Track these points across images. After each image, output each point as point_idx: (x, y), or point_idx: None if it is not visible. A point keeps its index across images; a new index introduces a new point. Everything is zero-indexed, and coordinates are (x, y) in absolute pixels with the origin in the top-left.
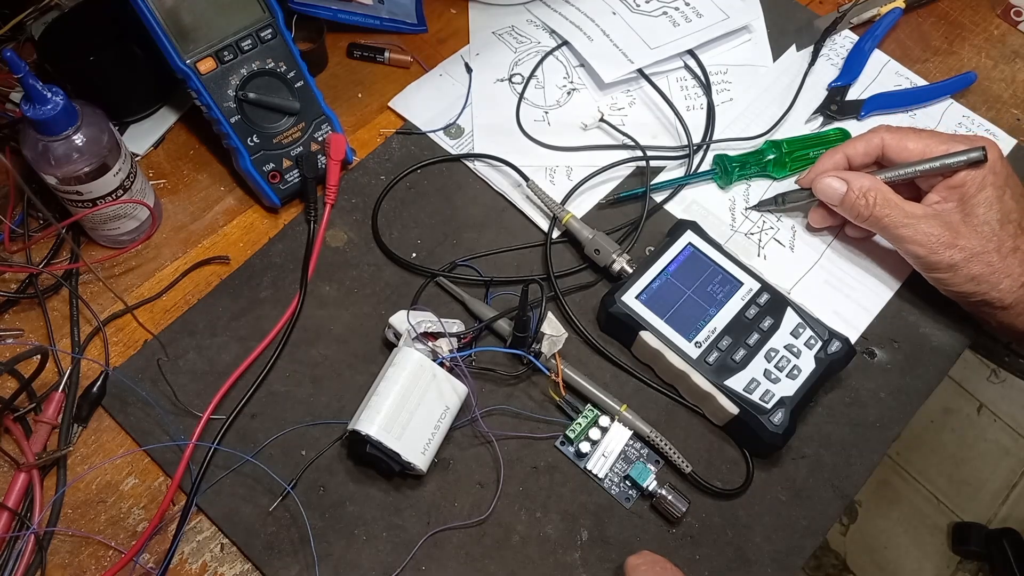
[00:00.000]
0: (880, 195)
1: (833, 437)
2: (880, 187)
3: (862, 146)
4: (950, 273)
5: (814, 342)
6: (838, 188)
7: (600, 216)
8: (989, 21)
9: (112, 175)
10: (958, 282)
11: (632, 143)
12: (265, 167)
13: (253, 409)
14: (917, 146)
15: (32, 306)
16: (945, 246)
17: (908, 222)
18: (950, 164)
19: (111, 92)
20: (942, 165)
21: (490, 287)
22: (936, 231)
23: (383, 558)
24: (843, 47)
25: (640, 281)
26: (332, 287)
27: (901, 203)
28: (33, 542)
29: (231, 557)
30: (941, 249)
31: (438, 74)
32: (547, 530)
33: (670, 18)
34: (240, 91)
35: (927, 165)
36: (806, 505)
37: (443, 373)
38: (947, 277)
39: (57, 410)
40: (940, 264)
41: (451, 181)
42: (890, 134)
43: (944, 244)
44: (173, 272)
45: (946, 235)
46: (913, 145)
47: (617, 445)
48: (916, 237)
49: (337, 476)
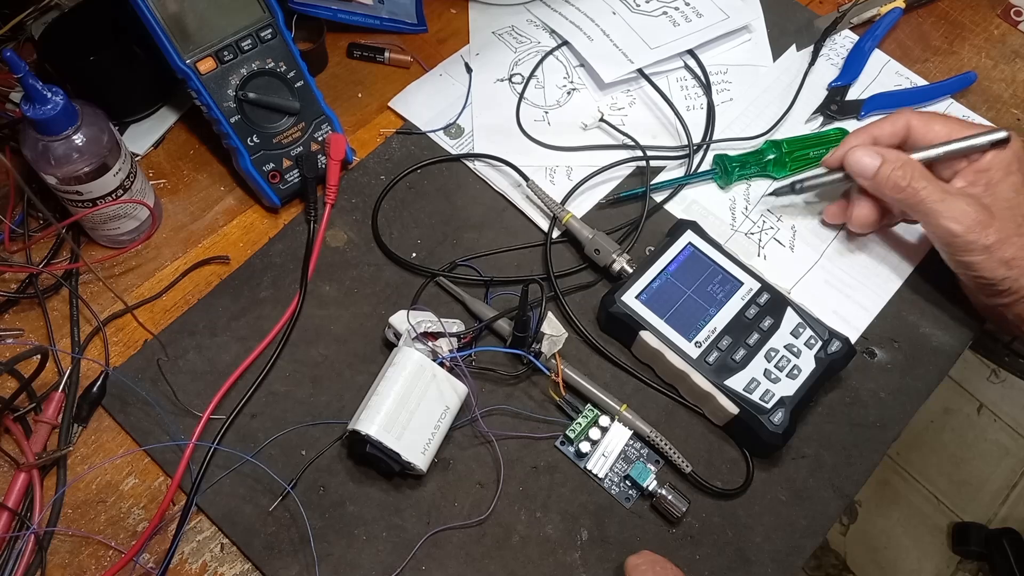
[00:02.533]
0: (916, 169)
1: (833, 437)
2: (914, 162)
3: (888, 127)
4: (984, 256)
5: (814, 342)
6: (870, 162)
7: (600, 216)
8: (989, 21)
9: (112, 175)
10: (991, 266)
11: (632, 143)
12: (265, 167)
13: (253, 409)
14: (944, 129)
15: (32, 306)
16: (982, 225)
17: (945, 197)
18: (977, 145)
19: (111, 92)
20: (968, 146)
21: (490, 287)
22: (972, 209)
23: (383, 558)
24: (843, 47)
25: (640, 281)
26: (332, 287)
27: (935, 179)
28: (33, 542)
29: (231, 557)
30: (978, 228)
31: (438, 74)
32: (547, 530)
33: (670, 18)
34: (240, 91)
35: (954, 146)
36: (806, 505)
37: (443, 373)
38: (980, 260)
39: (57, 410)
40: (975, 245)
41: (451, 181)
42: (916, 117)
43: (980, 223)
44: (173, 272)
45: (983, 215)
46: (940, 128)
47: (617, 445)
48: (953, 213)
49: (337, 476)
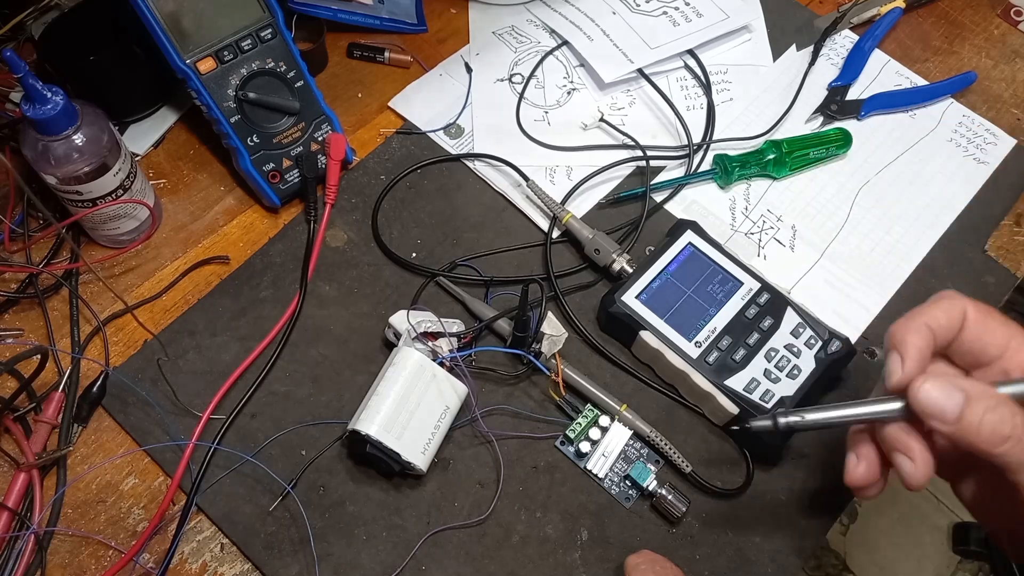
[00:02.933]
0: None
1: (833, 437)
2: (1009, 399)
3: (943, 316)
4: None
5: (814, 342)
6: (951, 401)
7: (600, 216)
8: (989, 21)
9: (112, 175)
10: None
11: (632, 143)
12: (265, 167)
13: (253, 409)
14: (1004, 332)
15: (32, 306)
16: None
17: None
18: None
19: (111, 92)
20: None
21: (490, 287)
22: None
23: (383, 558)
24: (843, 47)
25: (640, 281)
26: (332, 287)
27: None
28: (33, 542)
29: (231, 557)
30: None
31: (438, 74)
32: (547, 530)
33: (670, 18)
34: (240, 91)
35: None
36: (806, 505)
37: (443, 373)
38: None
39: (57, 410)
40: None
41: (451, 181)
42: (972, 307)
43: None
44: (173, 272)
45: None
46: (999, 328)
47: (617, 445)
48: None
49: (337, 476)
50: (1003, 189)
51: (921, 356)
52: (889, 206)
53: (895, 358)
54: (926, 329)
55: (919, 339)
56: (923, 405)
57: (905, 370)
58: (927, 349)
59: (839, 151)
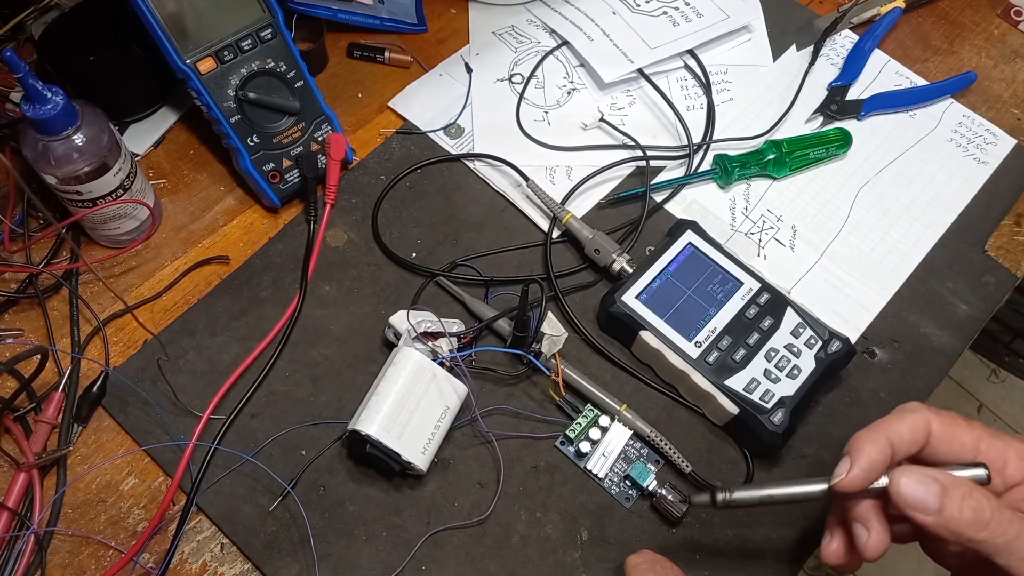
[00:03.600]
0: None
1: (833, 437)
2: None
3: (907, 431)
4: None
5: (814, 342)
6: (928, 493)
7: (600, 216)
8: (989, 21)
9: (112, 175)
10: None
11: (632, 143)
12: (265, 167)
13: (253, 409)
14: (969, 436)
15: (32, 306)
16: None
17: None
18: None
19: (111, 92)
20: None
21: (490, 287)
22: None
23: (383, 558)
24: (843, 47)
25: (640, 281)
26: (332, 287)
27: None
28: (33, 542)
29: (231, 557)
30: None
31: (438, 74)
32: (547, 530)
33: (670, 18)
34: (240, 91)
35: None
36: (806, 505)
37: (443, 373)
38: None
39: (57, 410)
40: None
41: (451, 181)
42: (936, 418)
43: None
44: (173, 272)
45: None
46: (964, 435)
47: (617, 445)
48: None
49: (337, 476)
50: (1003, 189)
51: (871, 466)
52: (889, 206)
53: (845, 462)
54: (885, 442)
55: (875, 451)
56: (905, 499)
57: (849, 476)
58: (880, 462)
59: (839, 151)
